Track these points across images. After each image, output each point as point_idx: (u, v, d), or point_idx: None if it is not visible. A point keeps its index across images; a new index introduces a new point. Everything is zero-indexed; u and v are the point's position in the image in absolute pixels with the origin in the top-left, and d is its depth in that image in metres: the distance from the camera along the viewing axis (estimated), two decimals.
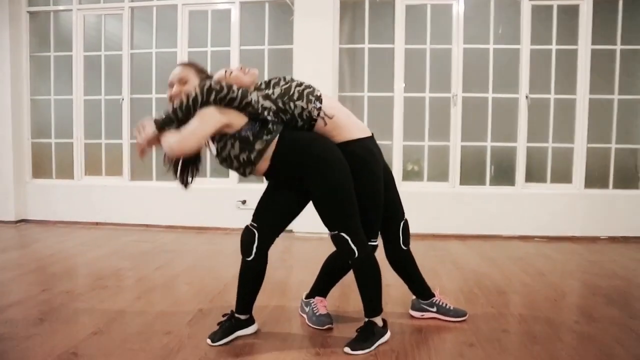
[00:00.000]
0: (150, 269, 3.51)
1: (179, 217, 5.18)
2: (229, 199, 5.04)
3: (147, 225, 5.20)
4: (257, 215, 2.22)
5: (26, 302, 2.71)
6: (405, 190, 3.48)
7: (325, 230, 2.15)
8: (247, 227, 2.22)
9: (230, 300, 2.27)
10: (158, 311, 2.60)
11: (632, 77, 4.86)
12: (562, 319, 2.54)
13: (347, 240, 2.07)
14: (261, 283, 2.26)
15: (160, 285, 3.14)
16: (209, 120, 1.96)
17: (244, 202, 4.96)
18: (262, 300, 2.51)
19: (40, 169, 5.62)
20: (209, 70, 2.24)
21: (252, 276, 2.22)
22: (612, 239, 4.74)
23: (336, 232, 2.09)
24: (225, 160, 2.08)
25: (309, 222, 2.59)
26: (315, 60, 4.79)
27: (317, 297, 2.51)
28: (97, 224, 5.31)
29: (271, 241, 2.24)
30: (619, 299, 2.91)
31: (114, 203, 5.32)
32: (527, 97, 4.85)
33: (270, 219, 2.21)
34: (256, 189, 4.98)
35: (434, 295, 2.53)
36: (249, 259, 2.18)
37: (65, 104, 5.51)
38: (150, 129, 2.02)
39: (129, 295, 2.88)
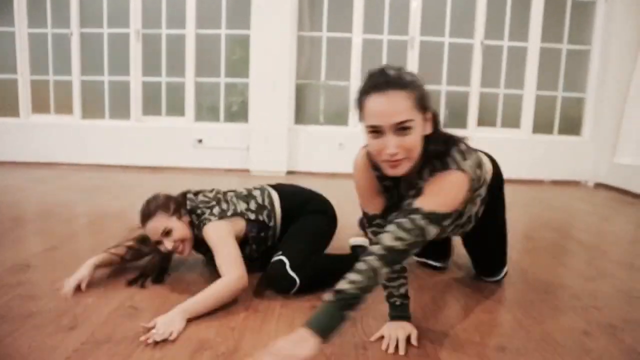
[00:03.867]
0: (103, 200, 3.46)
1: (134, 156, 5.07)
2: (185, 138, 4.96)
3: (100, 165, 5.07)
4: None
5: None
6: None
7: None
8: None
9: None
10: (111, 233, 2.57)
11: (581, 29, 5.03)
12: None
13: None
14: None
15: (113, 213, 3.10)
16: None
17: (200, 140, 4.91)
18: None
19: None
20: None
21: None
22: (555, 182, 5.02)
23: None
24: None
25: None
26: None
27: None
28: (45, 164, 5.13)
29: None
30: (555, 225, 3.12)
31: (65, 142, 5.13)
32: (482, 43, 4.95)
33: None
34: (212, 127, 5.00)
35: None
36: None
37: (7, 37, 5.20)
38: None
39: (82, 220, 2.85)
